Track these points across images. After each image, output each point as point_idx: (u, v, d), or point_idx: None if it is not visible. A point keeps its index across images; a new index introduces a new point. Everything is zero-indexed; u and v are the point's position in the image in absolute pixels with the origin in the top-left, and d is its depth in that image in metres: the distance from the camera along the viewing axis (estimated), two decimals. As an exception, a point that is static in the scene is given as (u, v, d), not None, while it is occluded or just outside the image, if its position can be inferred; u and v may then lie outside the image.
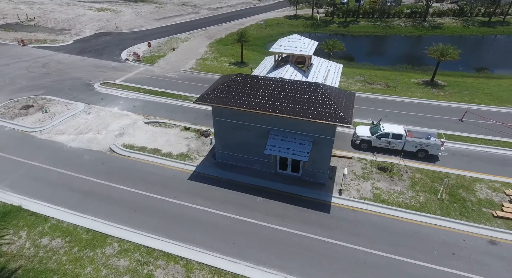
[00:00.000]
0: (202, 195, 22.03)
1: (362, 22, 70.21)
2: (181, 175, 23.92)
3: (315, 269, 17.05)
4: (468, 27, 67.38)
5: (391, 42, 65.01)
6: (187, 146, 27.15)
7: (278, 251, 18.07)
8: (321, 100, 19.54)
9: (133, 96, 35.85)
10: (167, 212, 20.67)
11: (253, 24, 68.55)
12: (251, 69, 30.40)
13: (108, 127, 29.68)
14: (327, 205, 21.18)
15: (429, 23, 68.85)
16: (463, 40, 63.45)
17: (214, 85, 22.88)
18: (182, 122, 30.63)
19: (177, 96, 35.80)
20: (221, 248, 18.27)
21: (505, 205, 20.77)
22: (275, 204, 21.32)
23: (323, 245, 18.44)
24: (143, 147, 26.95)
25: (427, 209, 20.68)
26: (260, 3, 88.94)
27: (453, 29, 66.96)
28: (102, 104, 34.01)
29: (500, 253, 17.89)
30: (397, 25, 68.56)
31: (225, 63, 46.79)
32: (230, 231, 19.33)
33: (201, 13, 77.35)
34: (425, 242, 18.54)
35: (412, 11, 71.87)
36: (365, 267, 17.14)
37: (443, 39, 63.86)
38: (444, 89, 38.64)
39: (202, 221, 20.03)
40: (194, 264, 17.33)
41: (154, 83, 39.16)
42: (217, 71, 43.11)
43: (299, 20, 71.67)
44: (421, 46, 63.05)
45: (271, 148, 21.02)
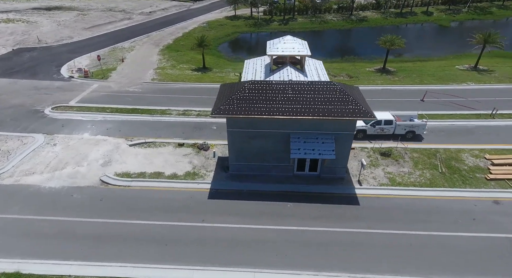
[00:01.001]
0: (231, 212, 20.81)
1: (299, 19, 73.58)
2: (199, 196, 22.16)
3: (373, 262, 17.61)
4: (387, 18, 75.98)
5: (330, 35, 69.68)
6: (190, 164, 25.21)
7: (331, 252, 18.17)
8: (341, 98, 20.09)
9: (101, 117, 31.68)
10: (202, 238, 19.00)
11: (196, 27, 66.35)
12: (239, 75, 29.47)
13: (87, 157, 25.75)
14: (354, 198, 22.02)
15: (356, 16, 75.66)
16: (384, 30, 71.04)
17: (223, 95, 21.60)
18: (172, 139, 28.28)
19: (153, 111, 32.81)
20: (276, 262, 17.59)
21: (491, 168, 24.39)
22: (306, 206, 21.32)
23: (368, 236, 19.15)
24: (141, 172, 24.13)
25: (436, 184, 23.05)
26: (194, 5, 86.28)
27: (376, 21, 74.67)
28: (66, 132, 29.28)
29: (504, 210, 20.97)
30: (331, 20, 73.70)
31: (186, 70, 44.44)
32: (277, 243, 18.70)
33: (135, 19, 71.71)
34: (447, 214, 20.66)
35: (339, 6, 78.01)
36: (413, 249, 18.33)
37: (369, 30, 71.50)
38: (396, 75, 43.14)
39: (243, 239, 18.95)
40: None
41: (118, 100, 35.19)
42: (183, 79, 40.75)
43: (240, 20, 71.71)
44: (355, 38, 69.66)
45: (296, 151, 20.88)
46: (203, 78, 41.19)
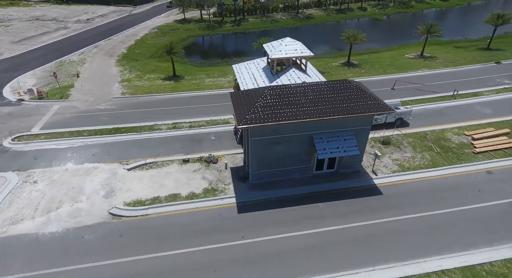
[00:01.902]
0: (267, 223, 20.16)
1: (250, 19, 73.95)
2: (227, 212, 21.00)
3: (419, 246, 18.66)
4: (329, 15, 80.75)
5: (284, 34, 71.12)
6: (204, 179, 23.69)
7: (376, 244, 18.79)
8: (359, 94, 20.78)
9: (79, 143, 27.90)
10: (249, 256, 18.08)
11: (147, 33, 62.34)
12: (234, 80, 28.39)
13: (83, 190, 22.50)
14: (375, 188, 23.05)
15: (302, 14, 78.87)
16: (329, 26, 75.86)
17: (241, 104, 20.63)
18: (174, 156, 26.25)
19: (139, 128, 29.96)
20: (332, 266, 17.59)
21: (474, 143, 27.66)
22: (336, 204, 21.68)
23: (402, 223, 20.22)
24: (154, 198, 21.92)
25: (438, 164, 25.34)
26: (135, 10, 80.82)
27: (320, 18, 78.79)
28: (43, 165, 25.17)
29: (498, 178, 23.99)
30: (280, 19, 75.55)
31: (156, 80, 41.49)
32: (324, 246, 18.68)
33: (73, 28, 64.47)
34: (456, 190, 22.89)
35: (285, 5, 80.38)
36: (445, 228, 19.91)
37: (316, 27, 75.33)
38: (361, 67, 46.12)
39: (291, 249, 18.52)
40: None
41: (91, 120, 31.36)
42: (158, 90, 37.98)
43: (192, 24, 69.31)
44: (307, 35, 72.34)
45: (322, 152, 21.03)
46: (178, 87, 38.91)
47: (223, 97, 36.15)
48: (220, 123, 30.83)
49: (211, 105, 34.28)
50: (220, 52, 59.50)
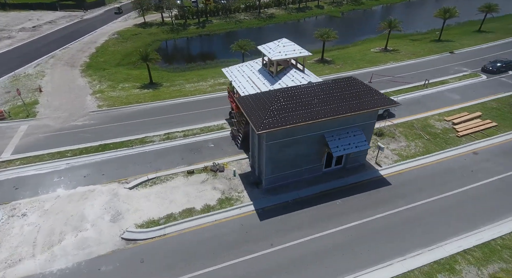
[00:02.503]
0: (291, 227, 19.96)
1: (214, 20, 72.72)
2: (249, 221, 20.38)
3: (435, 232, 19.76)
4: (290, 13, 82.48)
5: (249, 34, 71.30)
6: (215, 190, 22.74)
7: (400, 234, 19.51)
8: (365, 90, 21.38)
9: (64, 165, 25.17)
10: (283, 263, 17.74)
11: (107, 39, 58.26)
12: (230, 84, 27.37)
13: (85, 217, 20.32)
14: (383, 179, 23.96)
15: (264, 14, 79.52)
16: (291, 24, 77.64)
17: (253, 109, 20.03)
18: (176, 168, 24.84)
19: (128, 142, 27.83)
20: (367, 260, 17.93)
21: (456, 127, 30.04)
22: (351, 199, 22.13)
23: (416, 210, 21.21)
24: (167, 215, 20.52)
25: (431, 150, 27.07)
26: (87, 15, 74.99)
27: (282, 17, 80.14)
28: (28, 194, 22.29)
29: (484, 158, 26.30)
30: (244, 19, 75.39)
31: (132, 89, 38.90)
32: (351, 242, 18.97)
33: (18, 37, 58.00)
34: (453, 172, 24.62)
35: (246, 5, 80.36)
36: (454, 210, 21.27)
37: (280, 26, 76.50)
38: (335, 63, 47.71)
39: (322, 250, 18.54)
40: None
41: (72, 139, 28.47)
42: (138, 100, 35.63)
43: (154, 28, 66.20)
44: (273, 34, 72.73)
45: (336, 149, 21.30)
46: (159, 95, 36.88)
47: (209, 102, 35.12)
48: (214, 130, 29.85)
49: (200, 111, 33.05)
50: (191, 55, 57.72)
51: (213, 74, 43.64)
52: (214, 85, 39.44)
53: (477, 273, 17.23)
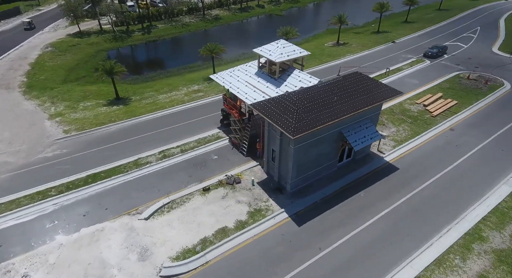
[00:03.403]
0: (332, 227, 19.98)
1: (159, 25, 68.50)
2: (288, 229, 19.76)
3: (453, 205, 21.63)
4: (235, 14, 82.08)
5: (199, 38, 68.97)
6: (240, 203, 21.49)
7: (426, 213, 20.93)
8: (372, 84, 22.27)
9: (51, 206, 21.20)
10: (339, 265, 17.64)
11: (41, 53, 50.57)
12: (227, 90, 25.74)
13: (106, 262, 17.39)
14: (391, 165, 25.38)
15: (209, 16, 77.71)
16: (239, 25, 77.54)
17: (276, 114, 19.26)
18: (188, 187, 22.80)
19: (121, 168, 24.59)
20: (408, 246, 18.81)
21: (428, 108, 33.30)
22: (372, 189, 22.98)
23: (430, 189, 22.92)
24: (201, 240, 18.75)
25: (417, 131, 29.52)
26: (1, 27, 63.87)
27: (228, 18, 78.98)
28: (19, 250, 18.23)
29: (460, 132, 29.63)
30: (190, 22, 72.52)
31: (98, 107, 34.41)
32: (391, 230, 19.74)
33: None
34: (443, 149, 27.17)
35: (189, 7, 77.51)
36: (458, 183, 23.53)
37: (228, 27, 75.71)
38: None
39: (370, 242, 18.96)
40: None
41: (46, 175, 24.09)
42: (111, 119, 31.66)
43: (93, 37, 59.41)
44: (226, 36, 71.13)
45: (355, 143, 21.83)
46: (133, 110, 33.30)
47: (192, 112, 33.03)
48: (212, 140, 28.17)
49: (187, 123, 30.85)
50: (147, 64, 53.38)
51: (183, 82, 41.16)
52: (189, 93, 37.20)
53: (501, 237, 19.41)
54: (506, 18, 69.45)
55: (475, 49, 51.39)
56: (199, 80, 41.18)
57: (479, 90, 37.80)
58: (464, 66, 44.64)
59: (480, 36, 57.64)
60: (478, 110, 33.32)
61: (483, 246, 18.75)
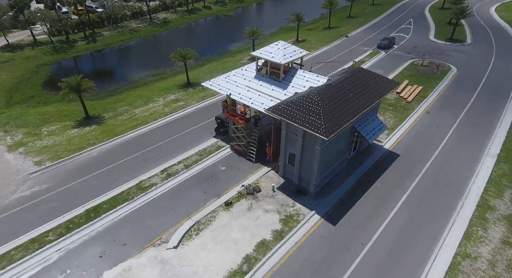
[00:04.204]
0: (363, 220, 20.40)
1: (105, 32, 62.58)
2: (325, 230, 19.63)
3: (455, 181, 23.68)
4: (183, 17, 78.94)
5: (152, 44, 64.79)
6: (269, 212, 20.67)
7: (440, 191, 22.56)
8: (376, 77, 23.11)
9: (55, 254, 17.91)
10: (385, 256, 18.04)
11: (-30, 73, 42.56)
12: (228, 97, 24.20)
13: (148, 304, 15.20)
14: (392, 152, 26.76)
15: (157, 20, 73.50)
16: (192, 27, 75.07)
17: (300, 116, 18.79)
18: (208, 205, 21.19)
19: (124, 195, 21.81)
20: (439, 223, 20.11)
21: (401, 95, 35.94)
22: (385, 178, 23.99)
23: (434, 167, 24.78)
24: (244, 259, 17.58)
25: (402, 118, 31.57)
26: None
27: (177, 21, 75.43)
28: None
29: (434, 115, 32.50)
30: (138, 28, 67.68)
31: (67, 130, 30.05)
32: (416, 213, 20.85)
33: None
34: (428, 130, 29.49)
35: (133, 12, 72.33)
36: (454, 157, 25.83)
37: (179, 30, 72.60)
38: (265, 59, 48.95)
39: (403, 230, 19.77)
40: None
41: (31, 218, 20.33)
42: (89, 142, 27.91)
43: (28, 50, 51.87)
44: (182, 40, 67.53)
45: (368, 136, 22.50)
46: (112, 129, 29.75)
47: (179, 123, 30.91)
48: (213, 150, 26.62)
49: (179, 135, 28.69)
50: (102, 76, 48.14)
51: (155, 92, 38.18)
52: (168, 104, 34.64)
53: (504, 203, 21.76)
54: (429, 10, 78.45)
55: (416, 38, 57.03)
56: (173, 89, 38.68)
57: (434, 74, 42.05)
58: (414, 54, 49.27)
59: (415, 27, 64.15)
60: (441, 92, 37.06)
61: (494, 214, 20.88)
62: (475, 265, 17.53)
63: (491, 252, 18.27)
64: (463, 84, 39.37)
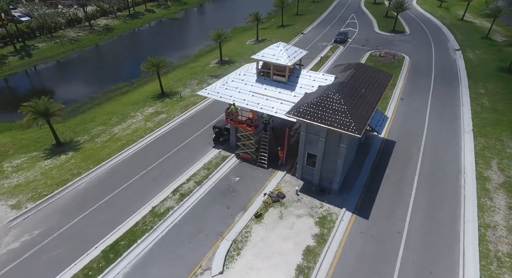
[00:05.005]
0: (391, 208, 21.16)
1: (40, 44, 54.89)
2: (360, 225, 19.86)
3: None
4: (126, 22, 73.22)
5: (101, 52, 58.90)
6: (301, 217, 20.23)
7: (441, 176, 24.50)
8: (374, 71, 23.99)
9: (81, 308, 14.95)
10: (426, 237, 18.95)
11: None
12: (233, 105, 22.59)
13: None
14: (388, 141, 28.15)
15: (98, 27, 67.03)
16: (140, 33, 70.39)
17: (327, 118, 18.54)
18: (238, 221, 19.85)
19: (141, 226, 19.29)
20: (450, 206, 21.76)
21: (376, 86, 38.17)
22: (391, 165, 25.12)
23: (428, 152, 26.77)
24: (297, 270, 16.98)
25: (384, 106, 33.39)
26: None
27: (121, 27, 69.53)
28: None
29: (408, 100, 35.22)
30: (79, 37, 60.82)
31: (39, 161, 25.54)
32: (430, 197, 22.26)
33: None
34: (409, 115, 31.88)
35: (68, 19, 64.85)
36: (440, 142, 28.22)
37: (124, 37, 67.24)
38: (236, 61, 47.67)
39: (425, 212, 20.95)
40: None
41: (30, 275, 16.71)
42: (72, 172, 24.10)
43: None
44: (134, 47, 62.52)
45: (377, 127, 23.48)
46: (95, 154, 26.05)
47: (173, 137, 28.63)
48: (219, 162, 25.07)
49: (176, 150, 26.46)
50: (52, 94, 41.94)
51: (127, 106, 34.64)
52: (149, 118, 31.70)
53: (495, 173, 24.43)
54: (365, 5, 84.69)
55: (364, 32, 61.24)
56: (147, 101, 35.58)
57: (393, 63, 45.59)
58: (368, 46, 52.84)
59: (359, 21, 68.82)
60: (405, 79, 40.36)
61: (492, 184, 23.35)
62: (497, 233, 19.39)
63: (504, 219, 20.40)
64: (419, 70, 43.38)
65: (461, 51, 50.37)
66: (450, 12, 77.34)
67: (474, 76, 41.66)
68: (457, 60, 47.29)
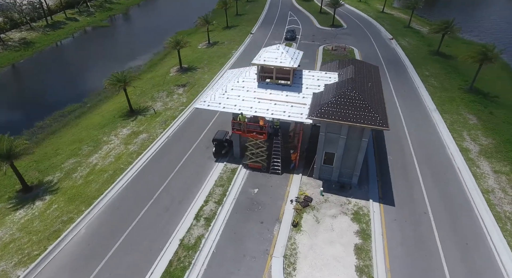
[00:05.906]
0: (408, 192, 22.55)
1: None
2: (390, 213, 20.62)
3: (434, 140, 28.64)
4: (47, 34, 63.72)
5: (24, 72, 50.06)
6: (336, 216, 20.20)
7: (434, 154, 26.87)
8: (366, 64, 25.04)
9: None
10: (445, 218, 20.53)
11: None
12: (242, 114, 20.67)
13: None
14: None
15: (13, 42, 56.97)
16: (63, 46, 62.15)
17: (348, 116, 18.62)
18: (277, 234, 18.76)
19: (176, 263, 16.90)
20: (454, 178, 24.03)
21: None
22: (391, 151, 26.70)
23: (414, 133, 29.15)
24: (358, 270, 16.90)
25: (358, 98, 35.47)
26: None
27: (43, 40, 59.93)
28: None
29: (376, 89, 37.95)
30: (-8, 54, 50.93)
31: (10, 215, 20.40)
32: (435, 174, 24.29)
33: None
34: (382, 104, 34.40)
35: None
36: (416, 120, 30.93)
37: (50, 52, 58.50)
38: (197, 68, 45.15)
39: (433, 189, 22.71)
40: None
41: None
42: (61, 220, 19.89)
43: None
44: (64, 63, 54.85)
45: (379, 119, 24.40)
46: (80, 193, 21.74)
47: (166, 157, 25.92)
48: (231, 176, 23.42)
49: (177, 172, 23.92)
50: None
51: (94, 131, 29.96)
52: (128, 141, 27.94)
53: (471, 143, 27.78)
54: (297, 2, 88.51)
55: (308, 27, 63.96)
56: (116, 121, 31.42)
57: (346, 56, 48.51)
58: (318, 41, 55.37)
59: (299, 18, 71.64)
60: (364, 70, 43.34)
61: (472, 154, 26.48)
62: (497, 195, 22.12)
63: (496, 182, 23.36)
64: (370, 60, 46.80)
65: (395, 40, 56.11)
66: (371, 6, 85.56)
67: (414, 61, 46.74)
68: (395, 48, 52.58)
